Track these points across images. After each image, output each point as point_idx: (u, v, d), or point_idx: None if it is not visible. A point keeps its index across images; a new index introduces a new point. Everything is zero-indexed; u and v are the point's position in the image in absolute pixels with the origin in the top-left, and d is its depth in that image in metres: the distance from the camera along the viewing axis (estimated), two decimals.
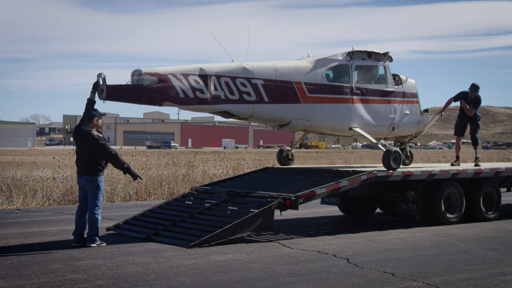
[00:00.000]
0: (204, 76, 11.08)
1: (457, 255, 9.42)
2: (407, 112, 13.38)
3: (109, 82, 10.20)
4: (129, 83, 10.58)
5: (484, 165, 14.43)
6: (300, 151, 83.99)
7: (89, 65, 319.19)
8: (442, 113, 14.56)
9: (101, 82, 10.12)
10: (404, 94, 13.35)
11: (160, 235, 10.53)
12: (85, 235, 10.05)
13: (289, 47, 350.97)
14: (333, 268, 8.35)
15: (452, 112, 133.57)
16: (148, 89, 10.53)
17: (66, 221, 12.89)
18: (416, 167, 13.84)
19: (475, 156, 14.46)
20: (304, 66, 12.22)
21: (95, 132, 9.98)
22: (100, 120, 10.15)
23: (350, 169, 12.48)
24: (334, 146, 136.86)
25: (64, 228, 11.92)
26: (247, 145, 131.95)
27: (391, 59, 13.19)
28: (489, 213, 13.41)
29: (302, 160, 38.35)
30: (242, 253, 9.41)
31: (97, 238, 9.92)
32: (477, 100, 14.27)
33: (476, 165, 14.07)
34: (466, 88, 14.33)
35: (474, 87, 14.13)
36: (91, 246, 9.81)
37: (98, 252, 9.41)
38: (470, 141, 15.11)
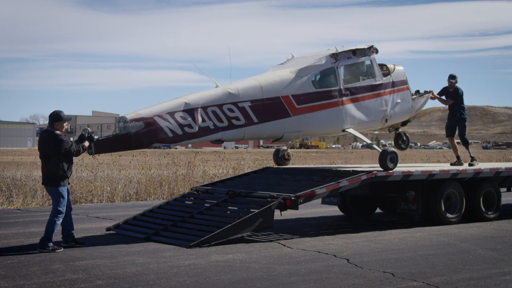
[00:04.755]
0: (190, 110, 10.86)
1: (457, 255, 9.42)
2: (399, 100, 13.31)
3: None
4: (116, 131, 10.46)
5: (484, 165, 14.43)
6: (300, 151, 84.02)
7: (89, 65, 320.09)
8: (432, 94, 14.45)
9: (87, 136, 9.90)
10: (393, 84, 13.24)
11: (160, 235, 10.52)
12: (74, 234, 9.93)
13: (288, 47, 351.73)
14: (333, 268, 8.35)
15: None
16: (136, 135, 10.41)
17: None
18: (416, 167, 13.84)
19: (470, 156, 14.43)
20: (289, 78, 11.90)
21: (58, 132, 9.62)
22: (64, 123, 9.73)
23: (350, 169, 12.48)
24: (334, 146, 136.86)
25: None
26: (247, 145, 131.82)
27: (376, 51, 12.97)
28: (489, 213, 13.42)
29: (302, 160, 38.31)
30: (242, 253, 9.41)
31: (50, 244, 9.48)
32: (456, 92, 14.31)
33: (471, 164, 14.05)
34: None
35: (450, 76, 14.27)
36: (42, 251, 9.34)
37: (98, 252, 9.41)
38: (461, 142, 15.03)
